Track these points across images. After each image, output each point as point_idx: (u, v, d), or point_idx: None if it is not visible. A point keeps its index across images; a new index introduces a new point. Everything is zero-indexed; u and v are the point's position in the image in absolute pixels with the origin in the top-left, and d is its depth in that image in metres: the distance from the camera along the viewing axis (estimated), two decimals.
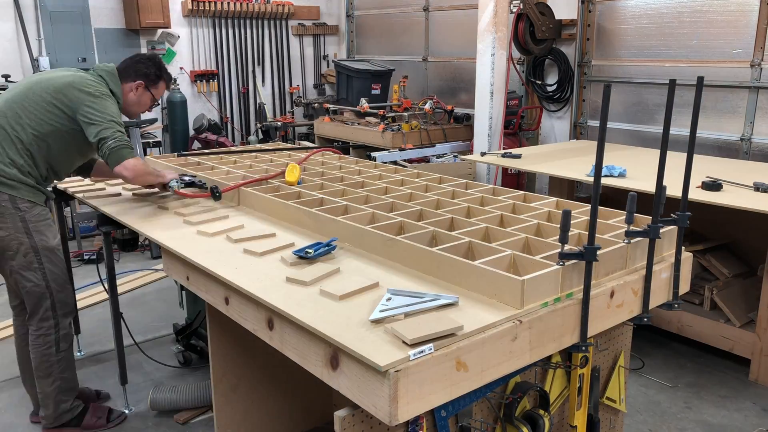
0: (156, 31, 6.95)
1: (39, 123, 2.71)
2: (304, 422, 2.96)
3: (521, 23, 5.50)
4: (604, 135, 1.76)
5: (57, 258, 2.83)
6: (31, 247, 2.73)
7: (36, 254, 2.74)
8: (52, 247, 2.79)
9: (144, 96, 2.98)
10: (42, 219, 2.77)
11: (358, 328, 1.63)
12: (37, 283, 2.78)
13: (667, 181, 2.04)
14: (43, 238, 2.76)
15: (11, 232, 2.69)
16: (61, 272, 2.85)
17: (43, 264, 2.77)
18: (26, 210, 2.71)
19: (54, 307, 2.83)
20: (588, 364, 2.05)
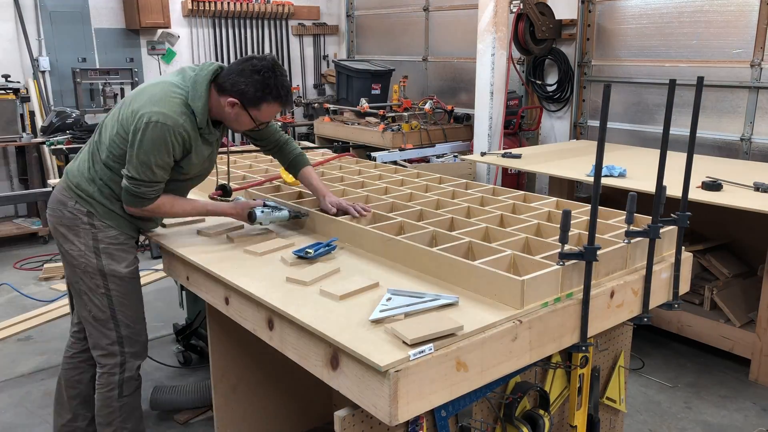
0: (156, 31, 6.95)
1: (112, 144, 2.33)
2: (304, 422, 2.96)
3: (521, 23, 5.50)
4: (604, 135, 1.76)
5: (127, 288, 2.44)
6: (98, 270, 2.38)
7: (103, 278, 2.39)
8: (121, 275, 2.41)
9: (241, 116, 2.31)
10: (117, 242, 2.40)
11: (358, 328, 1.63)
12: (101, 308, 2.41)
13: (667, 181, 2.04)
14: (112, 263, 2.39)
15: (82, 249, 2.37)
16: (131, 305, 2.47)
17: (110, 290, 2.40)
18: (101, 229, 2.37)
19: (121, 342, 2.46)
20: (588, 364, 2.05)
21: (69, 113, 5.88)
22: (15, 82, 6.01)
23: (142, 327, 2.53)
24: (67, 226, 2.38)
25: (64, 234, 2.40)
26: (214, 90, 2.28)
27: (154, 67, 7.02)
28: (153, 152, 2.20)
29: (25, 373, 3.60)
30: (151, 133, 2.18)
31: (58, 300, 4.34)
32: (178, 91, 2.26)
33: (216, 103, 2.29)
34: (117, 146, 2.29)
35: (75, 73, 6.25)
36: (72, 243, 2.38)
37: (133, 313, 2.48)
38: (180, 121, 2.21)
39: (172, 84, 2.28)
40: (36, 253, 5.70)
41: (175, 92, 2.26)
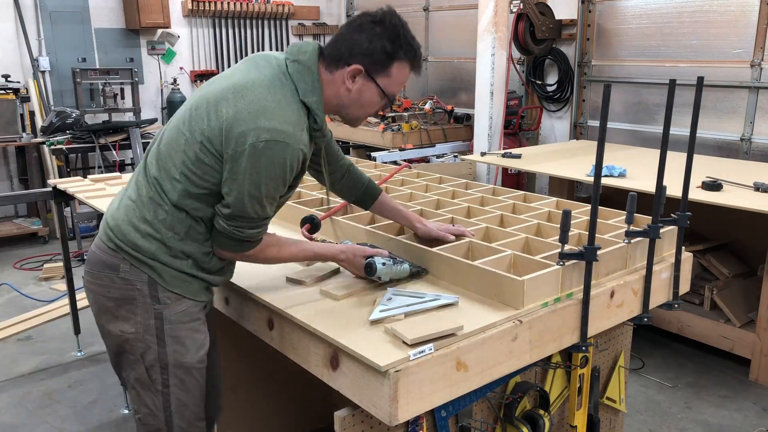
0: (156, 31, 6.95)
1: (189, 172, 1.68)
2: (304, 422, 2.95)
3: (521, 23, 5.50)
4: (604, 135, 1.76)
5: (193, 382, 1.81)
6: (158, 360, 1.76)
7: (163, 371, 1.77)
8: (189, 366, 1.79)
9: (366, 92, 1.74)
10: (186, 320, 1.78)
11: (358, 328, 1.63)
12: (153, 411, 1.80)
13: (667, 181, 2.04)
14: (179, 350, 1.77)
15: (139, 330, 1.74)
16: (193, 404, 1.84)
17: (170, 387, 1.78)
18: (167, 303, 1.74)
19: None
20: (588, 364, 2.05)
21: (69, 113, 5.89)
22: (15, 82, 6.01)
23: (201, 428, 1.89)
24: (118, 299, 1.75)
25: (112, 310, 1.76)
26: (323, 70, 1.72)
27: (154, 67, 7.02)
28: (266, 182, 1.62)
29: (25, 373, 3.60)
30: (264, 159, 1.59)
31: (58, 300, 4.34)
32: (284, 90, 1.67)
33: (329, 88, 1.73)
34: (198, 175, 1.66)
35: (75, 73, 6.25)
36: (124, 322, 1.75)
37: (193, 414, 1.85)
38: (299, 136, 1.64)
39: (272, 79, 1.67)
40: (36, 253, 5.70)
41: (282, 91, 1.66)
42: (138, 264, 1.72)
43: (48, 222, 6.06)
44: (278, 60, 1.73)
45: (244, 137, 1.58)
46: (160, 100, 7.09)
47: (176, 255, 1.73)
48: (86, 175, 3.77)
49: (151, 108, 7.03)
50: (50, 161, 5.93)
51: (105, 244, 1.76)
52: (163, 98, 7.05)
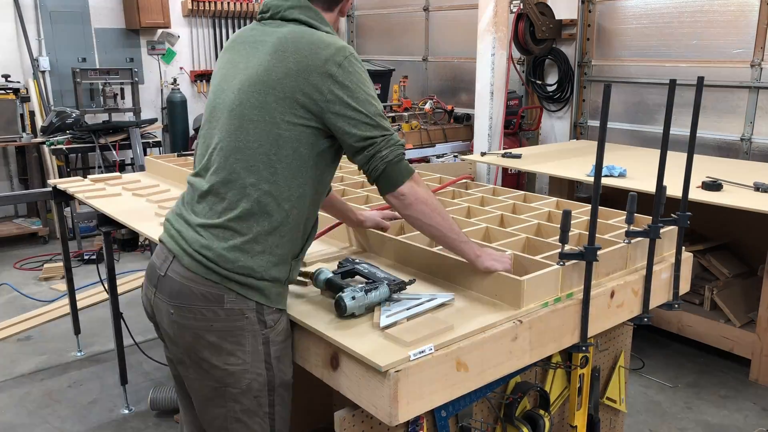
0: (156, 31, 6.95)
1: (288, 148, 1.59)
2: (304, 422, 2.95)
3: (521, 23, 5.50)
4: (604, 135, 1.76)
5: (289, 396, 1.77)
6: (266, 384, 1.68)
7: (270, 394, 1.70)
8: (288, 383, 1.75)
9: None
10: (285, 336, 1.71)
11: (358, 328, 1.63)
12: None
13: (667, 181, 2.04)
14: (283, 369, 1.71)
15: (248, 361, 1.63)
16: (288, 417, 1.80)
17: (275, 408, 1.72)
18: (272, 325, 1.65)
19: None
20: (588, 364, 2.05)
21: (69, 113, 5.89)
22: (15, 82, 6.02)
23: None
24: (223, 332, 1.61)
25: (217, 344, 1.62)
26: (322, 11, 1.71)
27: (155, 67, 7.02)
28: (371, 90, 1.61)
29: (25, 373, 3.60)
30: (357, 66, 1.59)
31: (58, 300, 4.34)
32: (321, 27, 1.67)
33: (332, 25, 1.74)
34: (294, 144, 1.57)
35: (75, 73, 6.25)
36: (230, 356, 1.62)
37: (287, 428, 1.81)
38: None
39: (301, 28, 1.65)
40: (36, 253, 5.71)
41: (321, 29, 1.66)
42: (248, 291, 1.60)
43: (48, 222, 6.07)
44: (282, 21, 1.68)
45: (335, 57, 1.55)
46: (160, 100, 7.09)
47: (281, 262, 1.63)
48: (86, 175, 3.77)
49: (151, 108, 7.03)
50: (50, 161, 5.94)
51: (194, 271, 1.59)
52: (163, 98, 7.05)
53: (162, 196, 3.10)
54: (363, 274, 1.85)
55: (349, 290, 1.68)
